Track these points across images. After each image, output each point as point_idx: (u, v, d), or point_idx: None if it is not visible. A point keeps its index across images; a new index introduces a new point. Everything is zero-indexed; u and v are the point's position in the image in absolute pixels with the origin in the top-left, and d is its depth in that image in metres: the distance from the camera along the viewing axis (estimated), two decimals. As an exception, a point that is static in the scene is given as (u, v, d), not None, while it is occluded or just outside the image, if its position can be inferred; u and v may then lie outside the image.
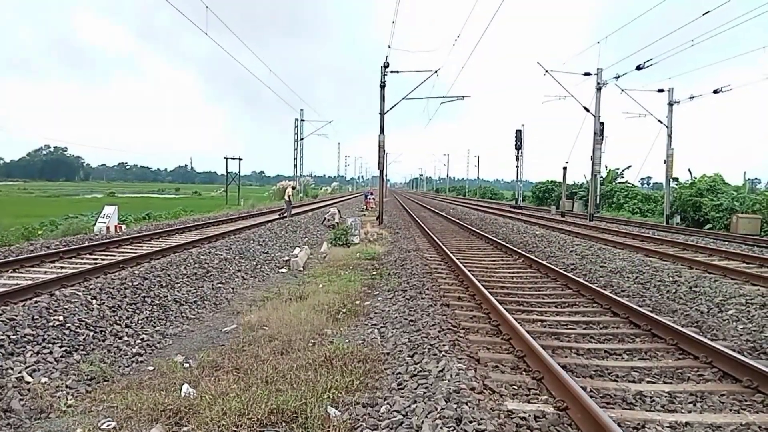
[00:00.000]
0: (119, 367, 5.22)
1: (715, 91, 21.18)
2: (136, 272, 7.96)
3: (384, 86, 19.89)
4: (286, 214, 20.87)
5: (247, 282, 9.73)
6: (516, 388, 3.95)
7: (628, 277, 8.99)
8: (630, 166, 38.21)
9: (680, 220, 24.02)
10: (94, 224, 15.27)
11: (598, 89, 23.22)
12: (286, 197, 20.92)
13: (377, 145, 19.96)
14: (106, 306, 6.39)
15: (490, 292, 6.85)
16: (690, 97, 23.15)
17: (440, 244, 12.25)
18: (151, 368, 5.20)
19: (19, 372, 4.50)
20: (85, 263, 9.02)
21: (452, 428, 2.98)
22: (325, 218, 20.56)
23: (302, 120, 41.96)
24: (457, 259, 10.03)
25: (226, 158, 38.91)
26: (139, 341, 5.96)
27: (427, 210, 32.81)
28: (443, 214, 26.71)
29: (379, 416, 3.41)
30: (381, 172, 21.47)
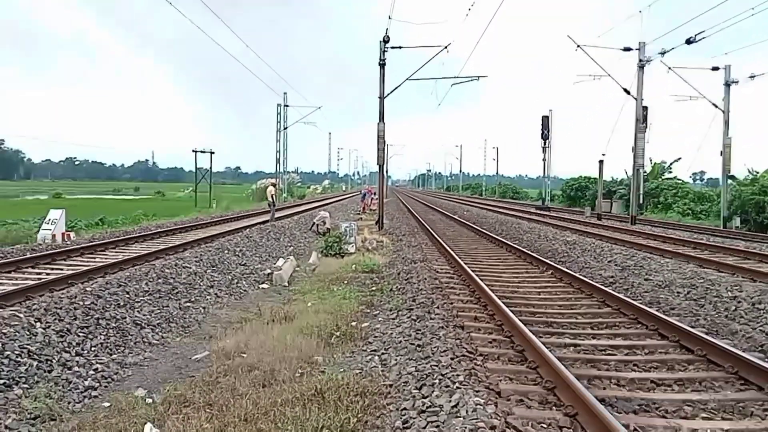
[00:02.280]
0: (69, 403, 5.23)
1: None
2: (89, 289, 7.97)
3: (384, 65, 20.00)
4: (269, 218, 20.95)
5: (221, 300, 9.77)
6: (545, 426, 3.93)
7: (678, 292, 8.99)
8: (679, 159, 38.31)
9: (740, 223, 24.05)
10: (38, 231, 15.33)
11: (641, 67, 23.30)
12: (270, 197, 20.95)
13: (376, 135, 20.08)
14: (53, 330, 6.41)
15: (512, 311, 6.87)
16: (751, 76, 23.26)
17: (452, 253, 12.32)
18: (107, 404, 5.22)
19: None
20: (26, 279, 9.04)
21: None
22: (314, 223, 20.68)
23: (286, 105, 42.15)
24: (473, 271, 10.07)
25: (195, 151, 39.19)
26: (93, 372, 5.98)
27: (437, 212, 32.90)
28: (455, 217, 26.81)
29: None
30: (381, 168, 21.56)
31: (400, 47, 20.13)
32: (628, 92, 23.56)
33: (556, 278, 10.16)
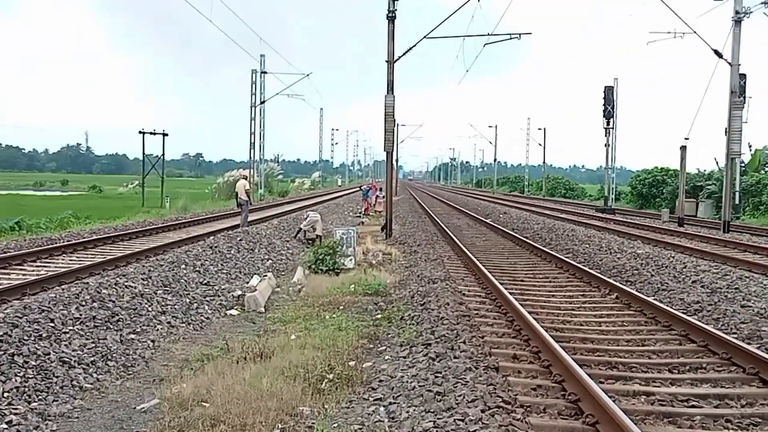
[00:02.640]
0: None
1: None
2: (0, 316, 7.95)
3: (394, 18, 20.09)
4: (240, 222, 21.05)
5: (176, 331, 9.77)
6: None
7: (787, 324, 8.95)
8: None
9: None
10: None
11: (737, 21, 23.21)
12: (243, 195, 20.99)
13: (383, 111, 20.07)
14: (-50, 371, 6.41)
15: (564, 347, 6.88)
16: None
17: (484, 270, 12.41)
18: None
19: None
20: None
21: None
22: (300, 228, 20.73)
23: (263, 72, 42.36)
24: (511, 293, 10.10)
25: (143, 133, 39.23)
26: (5, 426, 5.92)
27: (463, 215, 32.95)
28: (488, 222, 26.89)
29: None
30: (389, 155, 21.58)
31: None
32: (719, 55, 23.47)
33: (622, 304, 10.20)
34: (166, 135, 39.73)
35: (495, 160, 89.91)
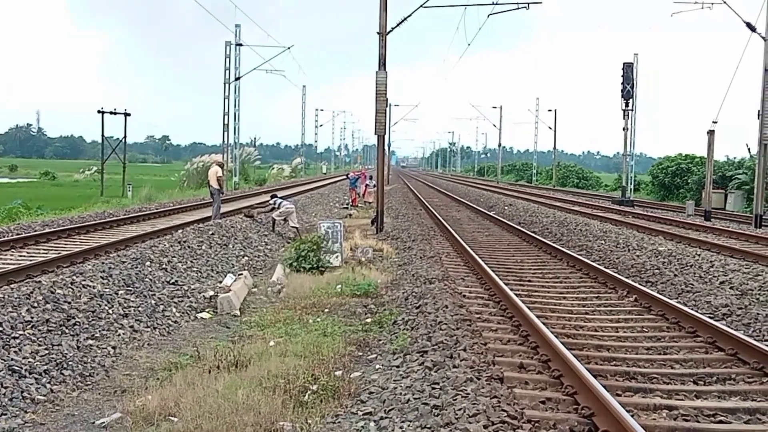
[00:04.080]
0: None
1: None
2: (-60, 319, 7.82)
3: (386, -17, 19.94)
4: (212, 214, 21.03)
5: (140, 336, 9.71)
6: None
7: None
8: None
9: None
10: None
11: (772, -10, 23.19)
12: (215, 183, 20.96)
13: (374, 90, 20.00)
14: None
15: (576, 356, 6.89)
16: None
17: (486, 267, 12.50)
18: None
19: None
20: None
21: None
22: (275, 221, 20.89)
23: (239, 44, 42.19)
24: (517, 295, 10.13)
25: (102, 113, 39.07)
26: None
27: (463, 206, 33.07)
28: (491, 215, 27.00)
29: None
30: (381, 139, 21.52)
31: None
32: (752, 28, 23.53)
33: (641, 307, 10.25)
34: (129, 115, 39.82)
35: (499, 145, 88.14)
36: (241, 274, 13.63)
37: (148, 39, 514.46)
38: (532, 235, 19.08)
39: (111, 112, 39.36)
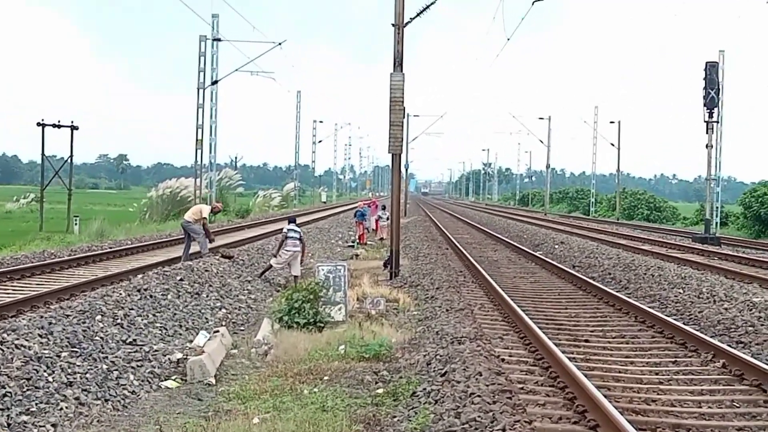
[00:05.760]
0: None
1: None
2: None
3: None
4: (183, 253, 19.83)
5: (89, 410, 9.12)
6: None
7: None
8: None
9: None
10: None
11: None
12: (190, 217, 20.05)
13: (387, 96, 18.88)
14: None
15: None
16: None
17: (530, 323, 11.97)
18: None
19: None
20: None
21: None
22: (270, 266, 19.52)
23: (216, 39, 40.08)
24: (571, 359, 9.87)
25: (43, 125, 37.26)
26: None
27: (501, 244, 32.27)
28: (538, 255, 26.06)
29: None
30: (396, 159, 20.22)
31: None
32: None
33: (731, 375, 9.69)
34: (76, 128, 37.54)
35: (548, 166, 78.49)
36: (218, 331, 12.77)
37: (102, 37, 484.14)
38: (590, 281, 18.08)
39: (54, 125, 38.01)
